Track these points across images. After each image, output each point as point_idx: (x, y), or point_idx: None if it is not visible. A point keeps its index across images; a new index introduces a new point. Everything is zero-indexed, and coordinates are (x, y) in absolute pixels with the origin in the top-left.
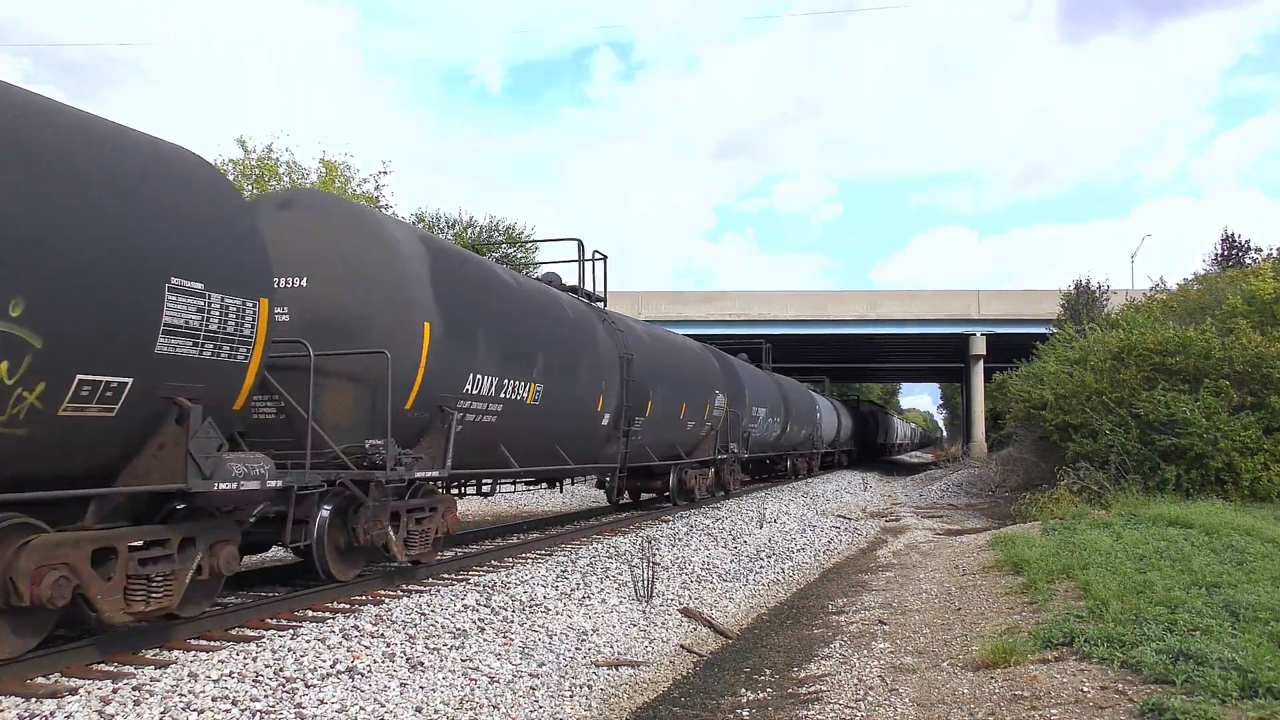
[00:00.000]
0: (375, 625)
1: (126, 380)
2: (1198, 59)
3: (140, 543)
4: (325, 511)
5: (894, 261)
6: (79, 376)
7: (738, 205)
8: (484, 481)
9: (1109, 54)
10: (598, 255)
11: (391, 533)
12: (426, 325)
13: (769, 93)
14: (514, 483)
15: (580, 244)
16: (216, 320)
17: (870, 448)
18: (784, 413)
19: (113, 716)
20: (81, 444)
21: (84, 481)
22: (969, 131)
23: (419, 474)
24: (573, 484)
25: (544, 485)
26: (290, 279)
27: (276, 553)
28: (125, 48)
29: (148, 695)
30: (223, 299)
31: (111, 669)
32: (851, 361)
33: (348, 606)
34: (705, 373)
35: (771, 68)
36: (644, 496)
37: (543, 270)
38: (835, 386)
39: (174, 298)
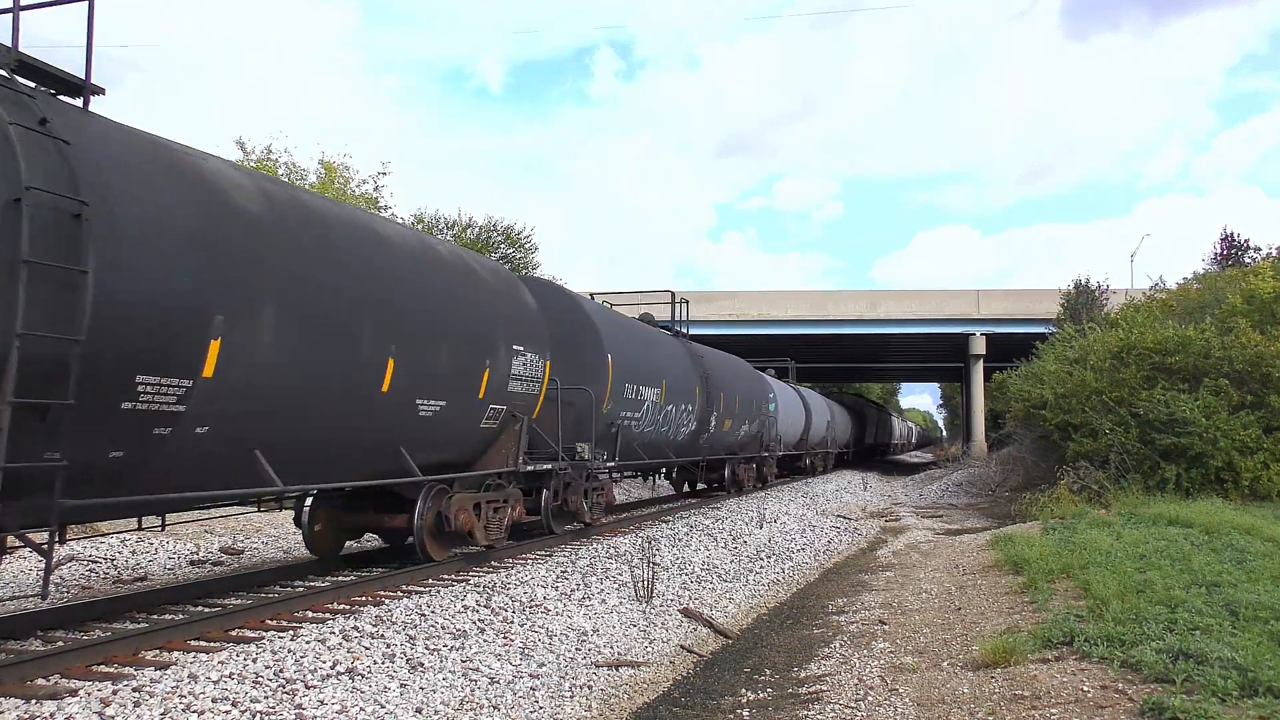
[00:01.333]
0: (375, 626)
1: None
2: (1201, 57)
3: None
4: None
5: (896, 260)
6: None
7: (739, 204)
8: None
9: (1112, 52)
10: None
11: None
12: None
13: (771, 91)
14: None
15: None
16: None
17: (872, 447)
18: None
19: (113, 718)
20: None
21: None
22: (972, 130)
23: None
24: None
25: (655, 475)
26: None
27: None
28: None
29: (148, 696)
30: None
31: (111, 670)
32: (851, 361)
33: (348, 607)
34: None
35: (773, 66)
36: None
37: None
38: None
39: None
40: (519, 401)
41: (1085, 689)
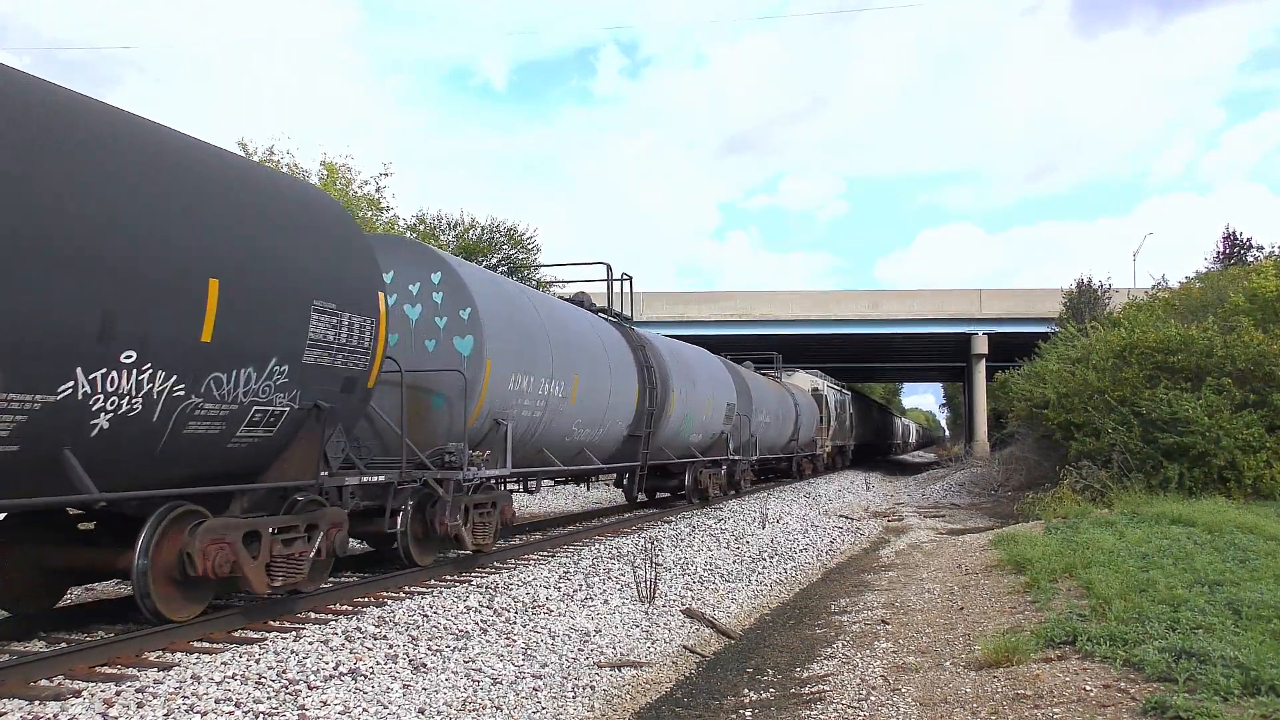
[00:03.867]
0: (378, 627)
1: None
2: (1212, 53)
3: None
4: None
5: (900, 259)
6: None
7: (743, 203)
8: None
9: (1120, 49)
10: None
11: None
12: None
13: (776, 89)
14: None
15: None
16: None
17: (874, 447)
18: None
19: (116, 718)
20: None
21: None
22: (977, 128)
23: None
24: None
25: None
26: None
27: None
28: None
29: (151, 697)
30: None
31: (115, 671)
32: (854, 361)
33: (350, 608)
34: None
35: (779, 64)
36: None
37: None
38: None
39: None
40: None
41: (1088, 688)
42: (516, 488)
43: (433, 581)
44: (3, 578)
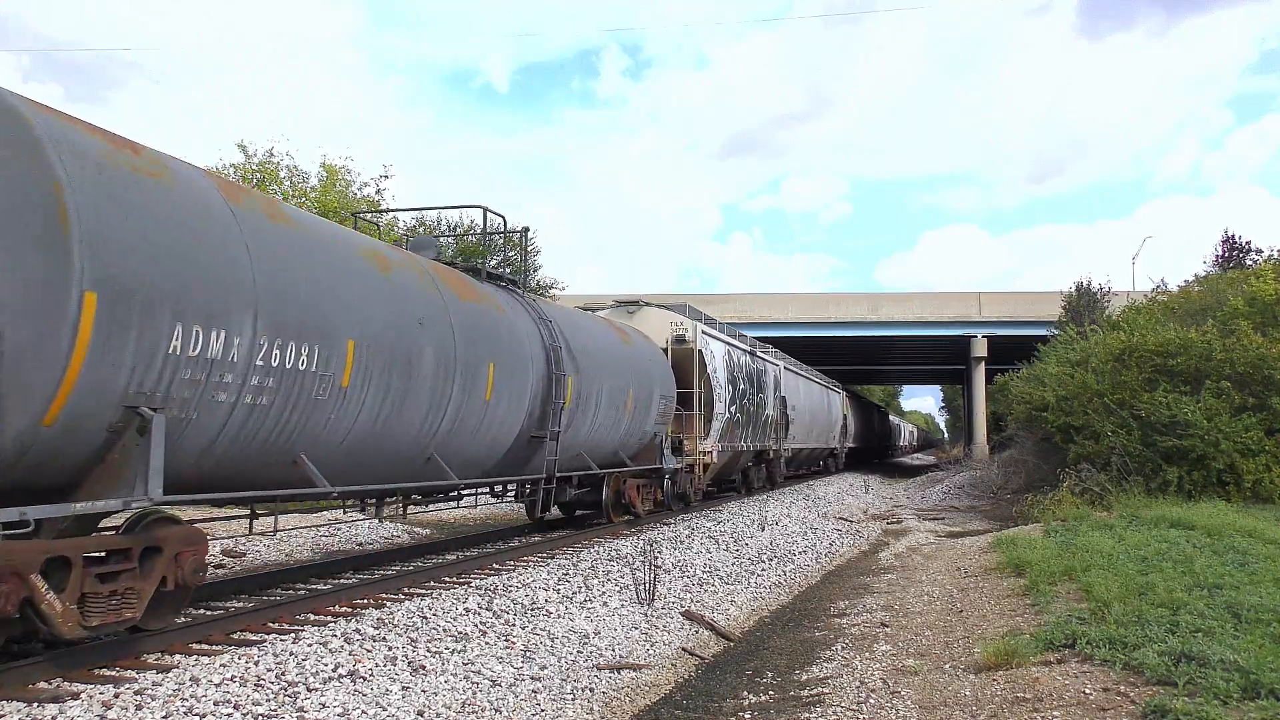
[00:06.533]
0: (377, 629)
1: None
2: (1218, 54)
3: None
4: None
5: (903, 261)
6: None
7: (745, 204)
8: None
9: (1127, 51)
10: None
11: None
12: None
13: (779, 90)
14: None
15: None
16: None
17: (873, 449)
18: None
19: None
20: None
21: None
22: (982, 129)
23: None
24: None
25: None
26: None
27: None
28: (127, 48)
29: (150, 700)
30: None
31: (114, 673)
32: (853, 363)
33: (349, 610)
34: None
35: (782, 65)
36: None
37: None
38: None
39: None
40: None
41: (1087, 691)
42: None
43: (432, 583)
44: None
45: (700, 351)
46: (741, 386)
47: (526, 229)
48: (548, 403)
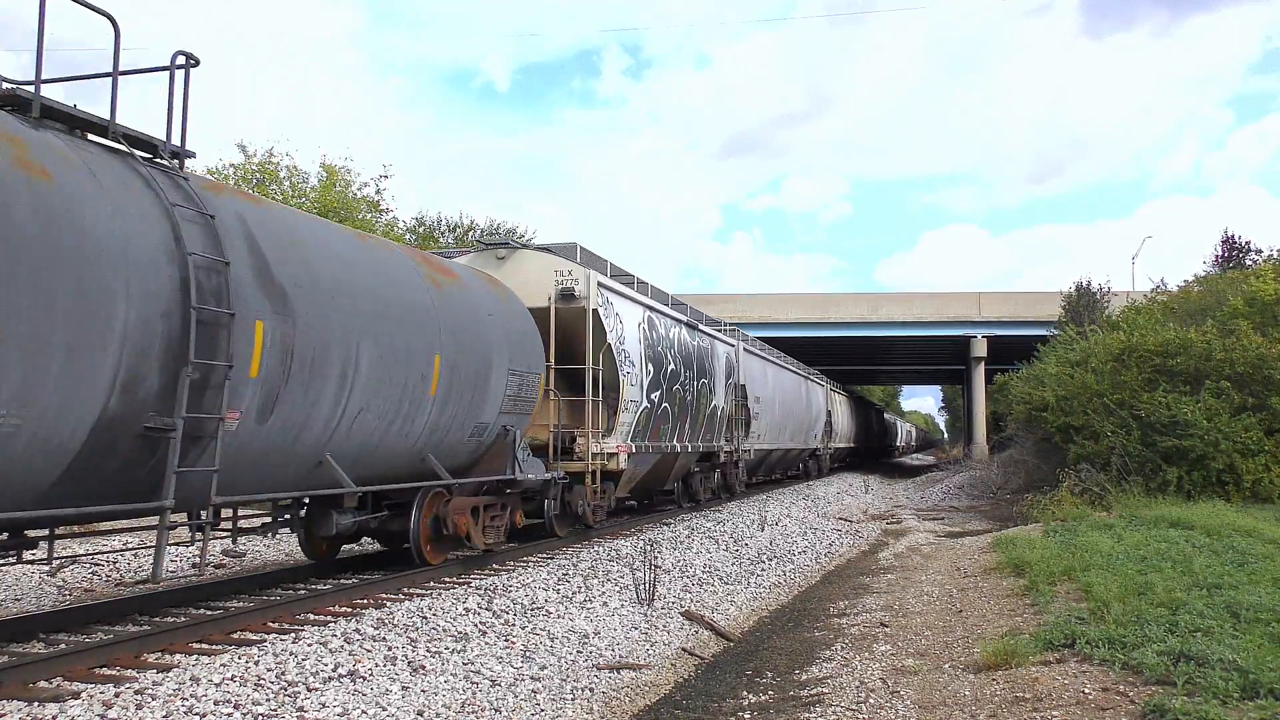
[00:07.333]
0: (377, 629)
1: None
2: (1220, 54)
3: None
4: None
5: (903, 260)
6: None
7: (746, 204)
8: None
9: (1129, 50)
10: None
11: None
12: None
13: (779, 90)
14: None
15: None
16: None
17: (873, 450)
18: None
19: None
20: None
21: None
22: (982, 129)
23: None
24: None
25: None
26: None
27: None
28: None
29: (150, 699)
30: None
31: (114, 672)
32: (853, 364)
33: (349, 610)
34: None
35: (783, 65)
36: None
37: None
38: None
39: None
40: None
41: (1087, 691)
42: None
43: (432, 583)
44: None
45: (597, 311)
46: (671, 367)
47: (191, 61)
48: (181, 364)
